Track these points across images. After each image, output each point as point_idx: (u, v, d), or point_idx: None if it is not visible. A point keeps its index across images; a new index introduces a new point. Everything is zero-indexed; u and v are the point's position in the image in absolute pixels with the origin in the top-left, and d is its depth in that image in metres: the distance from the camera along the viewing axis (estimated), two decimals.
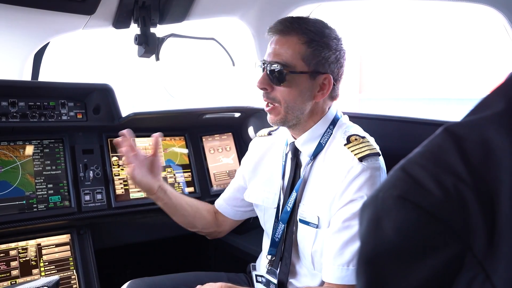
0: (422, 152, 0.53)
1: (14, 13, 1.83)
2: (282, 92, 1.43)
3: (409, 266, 0.50)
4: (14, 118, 1.88)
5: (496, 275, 0.46)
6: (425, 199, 0.49)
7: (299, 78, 1.42)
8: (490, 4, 1.47)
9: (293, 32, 1.41)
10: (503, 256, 0.46)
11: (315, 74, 1.43)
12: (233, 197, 1.85)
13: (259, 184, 1.71)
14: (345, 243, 1.34)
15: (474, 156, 0.49)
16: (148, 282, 1.73)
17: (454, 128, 0.52)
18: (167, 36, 2.00)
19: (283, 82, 1.42)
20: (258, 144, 1.80)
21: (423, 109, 9.91)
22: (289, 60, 1.41)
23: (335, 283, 1.35)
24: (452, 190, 0.48)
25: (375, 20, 10.36)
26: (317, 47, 1.41)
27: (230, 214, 1.85)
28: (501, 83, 0.54)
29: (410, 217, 0.49)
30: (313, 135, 1.51)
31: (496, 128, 0.50)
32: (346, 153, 1.41)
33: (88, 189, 1.99)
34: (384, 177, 1.39)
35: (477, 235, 0.47)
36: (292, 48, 1.41)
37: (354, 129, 1.51)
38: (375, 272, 0.52)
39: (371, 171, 1.35)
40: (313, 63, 1.42)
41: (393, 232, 0.50)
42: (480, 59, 9.23)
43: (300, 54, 1.41)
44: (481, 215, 0.47)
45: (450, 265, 0.48)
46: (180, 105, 2.31)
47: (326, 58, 1.43)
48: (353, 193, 1.34)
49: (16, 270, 1.75)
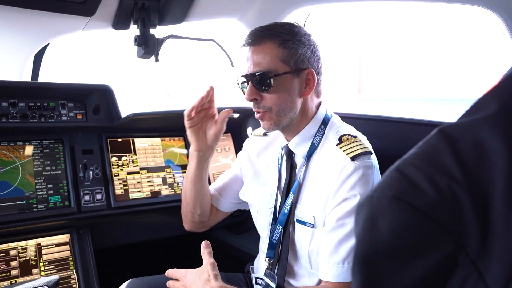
0: (417, 153, 0.54)
1: (14, 14, 1.84)
2: (271, 99, 1.45)
3: (404, 265, 0.50)
4: (14, 119, 1.89)
5: (489, 274, 0.47)
6: (419, 199, 0.50)
7: (284, 79, 1.44)
8: (487, 7, 1.48)
9: (266, 39, 1.44)
10: (496, 255, 0.47)
11: (298, 72, 1.46)
12: (227, 187, 1.82)
13: (254, 184, 1.72)
14: (339, 241, 1.35)
15: (468, 157, 0.50)
16: (147, 281, 1.74)
17: (449, 129, 0.53)
18: (166, 37, 2.01)
19: (270, 87, 1.43)
20: (253, 143, 1.80)
21: (423, 110, 9.91)
22: (269, 65, 1.43)
23: (332, 281, 1.36)
24: (446, 191, 0.49)
25: (374, 20, 10.37)
26: (292, 45, 1.44)
27: (221, 206, 1.83)
28: (494, 85, 0.55)
29: (404, 217, 0.50)
30: (305, 136, 1.53)
31: (490, 129, 0.50)
32: (338, 153, 1.42)
33: (87, 189, 2.00)
34: (377, 175, 1.41)
35: (470, 235, 0.48)
36: (270, 54, 1.43)
37: (346, 128, 1.53)
38: (370, 271, 0.53)
39: (363, 169, 1.37)
40: (293, 62, 1.45)
41: (388, 232, 0.51)
42: (479, 60, 9.24)
43: (278, 57, 1.43)
44: (474, 215, 0.48)
45: (444, 264, 0.49)
46: (180, 106, 2.32)
47: (303, 54, 1.46)
48: (346, 192, 1.36)
49: (16, 270, 1.76)
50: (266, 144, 1.74)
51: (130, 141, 2.22)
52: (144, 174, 2.19)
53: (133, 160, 2.19)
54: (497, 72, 1.11)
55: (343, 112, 2.03)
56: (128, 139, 2.22)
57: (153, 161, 2.24)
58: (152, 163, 2.24)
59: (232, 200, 1.82)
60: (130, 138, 2.22)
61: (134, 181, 2.15)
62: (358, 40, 11.06)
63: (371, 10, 9.61)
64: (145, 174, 2.19)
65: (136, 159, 2.20)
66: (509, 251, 0.46)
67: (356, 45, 11.13)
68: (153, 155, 2.25)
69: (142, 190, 2.16)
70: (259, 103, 1.48)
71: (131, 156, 2.19)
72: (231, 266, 1.99)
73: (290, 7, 2.17)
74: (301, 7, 2.16)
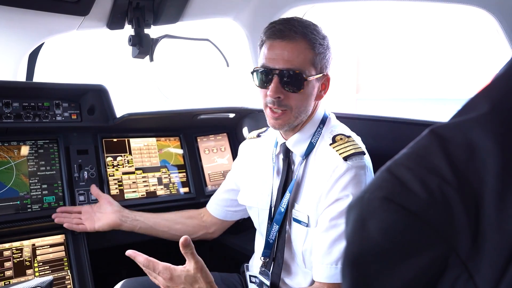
0: (407, 154, 0.54)
1: (8, 13, 1.83)
2: (295, 99, 1.41)
3: (394, 267, 0.50)
4: (8, 119, 1.88)
5: (479, 275, 0.47)
6: (410, 201, 0.49)
7: (311, 83, 1.43)
8: (482, 7, 1.48)
9: (300, 37, 1.38)
10: (485, 257, 0.47)
11: (321, 77, 1.45)
12: (223, 198, 1.87)
13: (251, 186, 1.72)
14: (332, 242, 1.35)
15: (458, 158, 0.50)
16: (141, 281, 1.74)
17: (440, 129, 0.53)
18: (161, 37, 2.00)
19: (300, 89, 1.39)
20: (248, 147, 1.80)
21: (421, 110, 9.92)
22: (302, 66, 1.39)
23: (325, 282, 1.36)
24: (437, 192, 0.49)
25: (372, 20, 10.37)
26: (322, 50, 1.42)
27: (221, 215, 1.87)
28: (486, 85, 0.54)
29: (395, 218, 0.50)
30: (304, 135, 1.52)
31: (481, 130, 0.50)
32: (331, 152, 1.42)
33: (82, 189, 1.99)
34: (370, 175, 1.41)
35: (461, 236, 0.48)
36: (303, 54, 1.39)
37: (340, 128, 1.52)
38: (360, 273, 0.53)
39: (355, 170, 1.36)
40: (319, 66, 1.43)
41: (378, 233, 0.51)
42: (476, 60, 9.25)
43: (310, 59, 1.40)
44: (465, 216, 0.48)
45: (435, 265, 0.49)
46: (175, 106, 2.32)
47: (327, 59, 1.46)
48: (339, 192, 1.36)
49: (10, 271, 1.75)
50: (260, 145, 1.74)
51: (126, 141, 2.21)
52: (140, 174, 2.18)
53: (129, 160, 2.18)
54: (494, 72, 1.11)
55: (339, 112, 2.02)
56: (123, 139, 2.21)
57: (148, 161, 2.23)
58: (147, 163, 2.23)
59: (229, 208, 1.87)
60: (125, 138, 2.21)
61: (130, 181, 2.14)
62: (356, 40, 11.06)
63: (368, 10, 9.62)
64: (141, 174, 2.19)
65: (132, 159, 2.19)
66: (499, 252, 0.46)
67: (354, 45, 11.13)
68: (148, 155, 2.24)
69: (138, 191, 2.15)
70: (281, 101, 1.41)
71: (126, 156, 2.18)
72: (226, 267, 1.99)
73: (285, 7, 2.16)
74: (296, 6, 2.16)
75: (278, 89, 1.39)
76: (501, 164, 0.47)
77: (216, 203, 1.88)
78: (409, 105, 10.29)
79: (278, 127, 1.48)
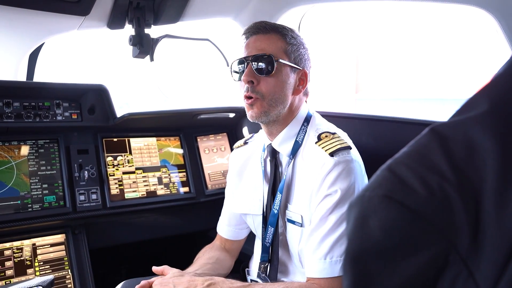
0: (408, 152, 0.54)
1: (9, 13, 1.83)
2: (268, 84, 1.45)
3: (395, 264, 0.50)
4: (9, 119, 1.88)
5: (479, 273, 0.47)
6: (410, 198, 0.50)
7: (284, 68, 1.46)
8: (481, 7, 1.48)
9: (272, 31, 1.48)
10: (485, 254, 0.47)
11: (295, 68, 1.49)
12: (230, 217, 1.82)
13: (243, 193, 1.71)
14: (322, 237, 1.34)
15: (458, 156, 0.50)
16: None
17: (440, 128, 0.53)
18: (161, 36, 2.00)
19: (272, 71, 1.44)
20: (237, 156, 1.79)
21: (420, 109, 9.93)
22: (274, 52, 1.45)
23: (316, 277, 1.35)
24: (437, 189, 0.49)
25: (371, 20, 10.38)
26: (295, 43, 1.50)
27: (233, 236, 1.81)
28: (486, 84, 0.55)
29: (395, 215, 0.50)
30: (289, 134, 1.53)
31: (481, 128, 0.50)
32: (317, 150, 1.43)
33: (83, 189, 2.00)
34: (359, 169, 1.41)
35: (461, 233, 0.48)
36: (274, 43, 1.47)
37: (325, 126, 1.54)
38: (361, 270, 0.53)
39: (343, 164, 1.37)
40: (293, 58, 1.49)
41: (378, 231, 0.51)
42: (475, 60, 9.26)
43: (282, 48, 1.47)
44: (465, 214, 0.48)
45: (435, 263, 0.49)
46: (175, 106, 2.32)
47: (302, 54, 1.51)
48: (327, 188, 1.36)
49: (11, 270, 1.75)
50: (248, 152, 1.74)
51: (126, 141, 2.22)
52: (140, 174, 2.19)
53: (129, 160, 2.18)
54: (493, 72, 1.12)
55: (338, 112, 2.03)
56: (124, 139, 2.21)
57: (148, 161, 2.24)
58: (147, 163, 2.23)
59: (239, 226, 1.81)
60: (125, 138, 2.22)
61: (130, 181, 2.15)
62: (355, 40, 11.07)
63: (367, 10, 9.62)
64: (141, 174, 2.19)
65: (132, 159, 2.19)
66: (499, 249, 0.46)
67: (353, 45, 11.13)
68: (148, 155, 2.25)
69: (138, 190, 2.15)
70: (254, 87, 1.45)
71: (126, 156, 2.19)
72: None
73: (285, 7, 2.17)
74: (296, 6, 2.16)
75: (250, 73, 1.45)
76: (501, 162, 0.48)
77: (226, 224, 1.82)
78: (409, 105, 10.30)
79: (255, 116, 1.48)
